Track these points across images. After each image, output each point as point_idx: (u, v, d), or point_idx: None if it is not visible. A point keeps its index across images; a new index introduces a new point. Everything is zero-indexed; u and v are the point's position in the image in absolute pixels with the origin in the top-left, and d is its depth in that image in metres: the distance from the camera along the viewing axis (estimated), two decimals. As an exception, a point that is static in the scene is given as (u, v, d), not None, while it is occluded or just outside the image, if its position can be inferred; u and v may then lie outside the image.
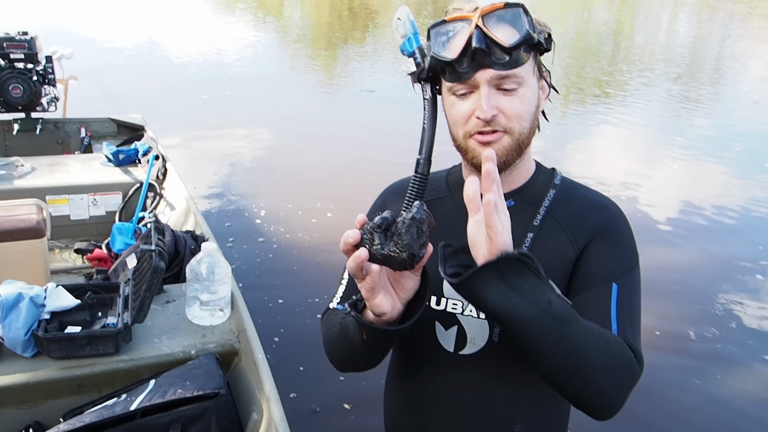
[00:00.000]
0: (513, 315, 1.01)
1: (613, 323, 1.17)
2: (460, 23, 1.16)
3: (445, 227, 1.29)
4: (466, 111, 1.19)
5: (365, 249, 1.01)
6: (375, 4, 23.27)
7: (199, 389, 1.82)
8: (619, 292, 1.20)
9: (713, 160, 7.81)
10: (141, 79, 9.82)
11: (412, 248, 0.98)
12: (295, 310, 4.10)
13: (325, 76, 11.63)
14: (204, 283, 2.16)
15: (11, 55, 4.11)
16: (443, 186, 1.39)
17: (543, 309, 1.01)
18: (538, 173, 1.34)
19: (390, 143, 7.17)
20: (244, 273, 4.43)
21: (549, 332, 1.02)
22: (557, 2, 27.85)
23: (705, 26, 22.14)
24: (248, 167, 6.68)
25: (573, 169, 7.06)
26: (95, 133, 4.61)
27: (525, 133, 1.20)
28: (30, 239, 2.50)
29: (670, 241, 5.52)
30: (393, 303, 1.09)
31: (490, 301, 1.00)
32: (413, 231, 0.98)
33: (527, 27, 1.13)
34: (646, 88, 11.55)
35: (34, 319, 1.96)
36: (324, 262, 4.50)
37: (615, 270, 1.22)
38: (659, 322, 4.11)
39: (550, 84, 1.28)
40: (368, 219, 1.26)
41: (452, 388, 1.33)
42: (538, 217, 1.27)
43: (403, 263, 0.99)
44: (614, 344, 1.11)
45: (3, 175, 3.55)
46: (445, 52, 1.17)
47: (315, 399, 3.32)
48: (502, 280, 0.99)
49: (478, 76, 1.15)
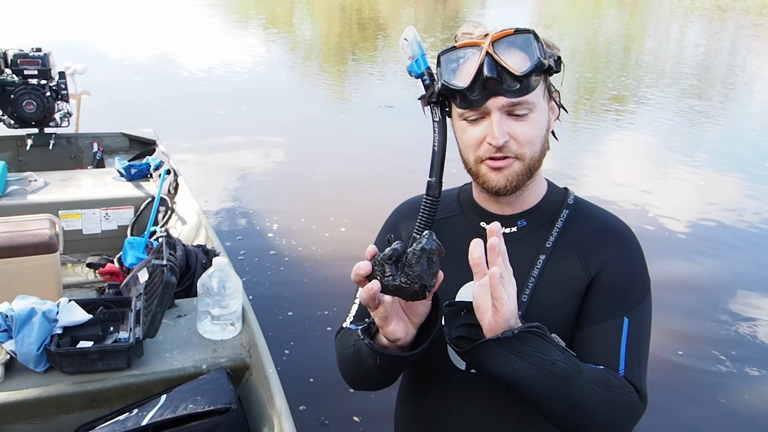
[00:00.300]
0: (518, 379, 1.05)
1: (622, 361, 1.18)
2: (471, 50, 1.16)
3: (457, 246, 1.29)
4: (477, 137, 1.19)
5: (377, 281, 1.01)
6: (384, 17, 23.37)
7: (210, 404, 1.82)
8: (630, 327, 1.21)
9: (733, 172, 7.74)
10: (153, 93, 9.88)
11: (423, 279, 0.99)
12: (305, 322, 4.10)
13: (340, 91, 11.65)
14: (215, 298, 2.16)
15: (25, 71, 4.15)
16: (455, 204, 1.39)
17: (547, 370, 1.04)
18: (551, 193, 1.33)
19: (407, 159, 7.12)
20: (254, 285, 4.43)
21: (553, 390, 1.06)
22: (567, 13, 27.91)
23: (716, 37, 22.08)
24: (261, 181, 6.70)
25: (587, 181, 7.05)
26: (107, 148, 4.64)
27: (536, 158, 1.20)
28: (43, 254, 2.52)
29: (690, 257, 5.47)
30: (406, 329, 1.11)
31: (495, 369, 1.04)
32: (424, 262, 0.99)
33: (538, 54, 1.13)
34: (659, 99, 11.52)
35: (47, 334, 1.97)
36: (335, 275, 4.49)
37: (627, 303, 1.23)
38: (680, 342, 4.07)
39: (560, 104, 1.27)
40: (380, 237, 1.27)
41: (464, 405, 1.32)
42: (551, 239, 1.26)
43: (415, 294, 1.00)
44: (617, 391, 1.13)
45: (17, 190, 3.57)
46: (456, 80, 1.16)
47: (324, 411, 3.31)
48: (507, 349, 1.03)
49: (489, 104, 1.15)
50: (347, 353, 1.29)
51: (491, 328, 1.03)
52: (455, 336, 1.09)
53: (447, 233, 1.33)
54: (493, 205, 1.31)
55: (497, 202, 1.29)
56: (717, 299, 4.74)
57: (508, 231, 1.29)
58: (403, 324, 1.10)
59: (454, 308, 1.10)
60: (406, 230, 1.38)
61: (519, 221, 1.30)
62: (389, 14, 24.29)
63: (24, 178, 3.72)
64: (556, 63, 1.18)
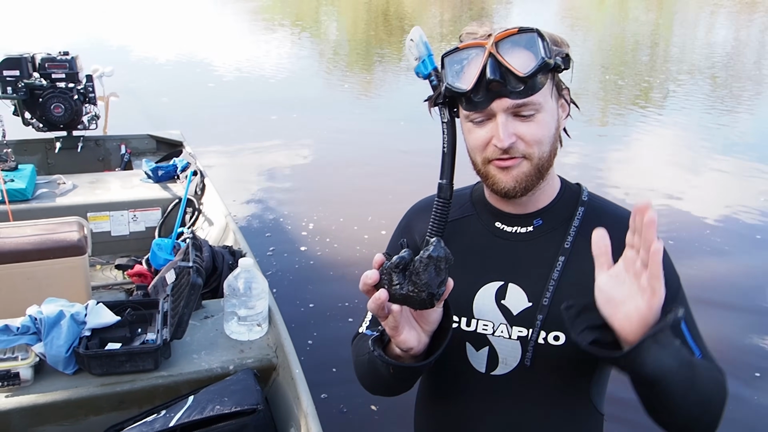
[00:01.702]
0: (665, 374, 0.98)
1: (694, 348, 1.16)
2: (474, 50, 1.13)
3: (473, 247, 1.29)
4: (483, 138, 1.16)
5: (384, 290, 0.99)
6: (409, 16, 23.34)
7: (237, 405, 1.82)
8: (685, 317, 1.18)
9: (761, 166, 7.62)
10: (181, 96, 9.97)
11: (431, 287, 0.97)
12: (326, 313, 4.15)
13: (370, 91, 11.63)
14: (241, 299, 2.17)
15: (53, 75, 4.20)
16: (467, 204, 1.36)
17: (684, 360, 1.00)
18: (564, 190, 1.30)
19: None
20: (279, 279, 4.48)
21: (689, 381, 1.02)
22: (593, 7, 27.66)
23: (743, 29, 21.74)
24: (291, 180, 6.70)
25: (614, 177, 6.98)
26: (135, 150, 4.68)
27: (545, 157, 1.17)
28: (71, 256, 2.55)
29: (722, 250, 5.38)
30: (418, 337, 1.08)
31: (649, 366, 0.97)
32: (431, 270, 0.97)
33: (543, 53, 1.09)
34: (686, 93, 11.36)
35: (75, 336, 1.98)
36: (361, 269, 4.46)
37: (669, 294, 1.19)
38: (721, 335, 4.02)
39: (570, 101, 1.24)
40: (394, 240, 1.25)
41: (485, 408, 1.31)
42: (569, 239, 1.24)
43: (423, 303, 0.98)
44: (716, 372, 1.12)
45: (46, 193, 3.62)
46: (459, 83, 1.14)
47: (344, 399, 3.36)
48: (655, 342, 0.96)
49: (494, 106, 1.12)
50: (362, 360, 1.28)
51: (644, 318, 0.97)
52: (590, 341, 1.03)
53: (462, 235, 1.32)
54: (506, 205, 1.29)
55: (510, 201, 1.27)
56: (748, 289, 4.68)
57: (524, 230, 1.27)
58: (414, 333, 1.08)
59: (574, 310, 1.05)
60: (419, 231, 1.36)
61: (535, 220, 1.27)
62: (415, 13, 24.23)
63: (53, 181, 3.77)
64: (564, 60, 1.15)
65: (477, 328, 1.27)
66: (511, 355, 1.25)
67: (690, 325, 1.18)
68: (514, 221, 1.28)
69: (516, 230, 1.27)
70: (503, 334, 1.25)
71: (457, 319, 1.28)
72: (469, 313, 1.28)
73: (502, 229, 1.28)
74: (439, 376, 1.39)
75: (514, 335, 1.24)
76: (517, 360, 1.25)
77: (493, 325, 1.26)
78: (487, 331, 1.27)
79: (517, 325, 1.24)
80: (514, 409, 1.29)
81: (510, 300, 1.25)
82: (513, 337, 1.24)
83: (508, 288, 1.25)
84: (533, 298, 1.23)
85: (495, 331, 1.26)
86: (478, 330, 1.27)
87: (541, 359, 1.23)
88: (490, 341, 1.27)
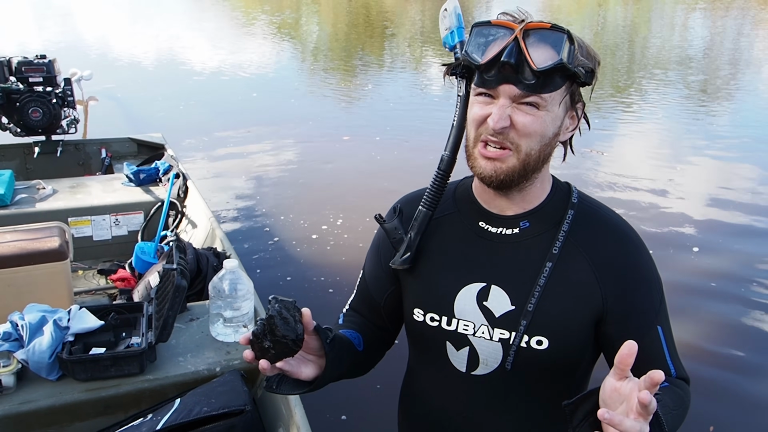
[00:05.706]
0: None
1: (670, 366, 1.22)
2: (503, 30, 1.13)
3: (455, 247, 1.29)
4: (481, 115, 1.16)
5: (264, 360, 1.11)
6: (389, 17, 23.33)
7: (224, 406, 1.80)
8: (664, 333, 1.23)
9: (742, 160, 7.67)
10: (160, 98, 9.88)
11: (289, 334, 1.08)
12: (313, 313, 4.07)
13: (351, 89, 11.62)
14: (227, 300, 2.15)
15: (30, 79, 4.14)
16: (449, 201, 1.34)
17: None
18: (555, 191, 1.28)
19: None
20: (265, 280, 4.42)
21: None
22: (572, 3, 27.79)
23: (719, 26, 21.92)
24: (272, 181, 6.66)
25: (600, 169, 7.01)
26: (115, 154, 4.64)
27: (532, 155, 1.16)
28: (53, 262, 2.50)
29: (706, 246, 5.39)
30: (317, 362, 1.17)
31: None
32: (280, 323, 1.08)
33: (566, 56, 1.09)
34: (664, 89, 11.45)
35: (59, 342, 1.95)
36: (346, 266, 4.46)
37: (653, 311, 1.23)
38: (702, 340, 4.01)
39: (582, 116, 1.23)
40: (386, 221, 1.29)
41: (465, 407, 1.32)
42: (557, 244, 1.22)
43: (293, 348, 1.09)
44: (686, 399, 1.19)
45: (25, 199, 3.57)
46: (476, 54, 1.14)
47: (332, 399, 3.30)
48: None
49: (500, 89, 1.12)
50: None
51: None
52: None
53: (443, 234, 1.31)
54: (492, 204, 1.27)
55: (497, 198, 1.25)
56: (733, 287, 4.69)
57: (510, 232, 1.26)
58: (311, 364, 1.16)
59: (572, 405, 1.02)
60: (407, 212, 1.35)
61: (521, 222, 1.25)
62: (394, 13, 24.23)
63: (32, 186, 3.72)
64: (586, 74, 1.14)
65: (458, 328, 1.27)
66: (492, 357, 1.25)
67: (668, 341, 1.23)
68: (499, 222, 1.27)
69: (501, 231, 1.26)
70: (484, 335, 1.25)
71: (438, 318, 1.28)
72: (450, 313, 1.27)
73: (486, 230, 1.27)
74: (420, 374, 1.40)
75: (495, 337, 1.24)
76: (498, 361, 1.25)
77: (474, 325, 1.25)
78: (467, 332, 1.26)
79: (498, 327, 1.23)
80: (494, 409, 1.29)
81: (492, 302, 1.24)
82: (494, 339, 1.24)
83: (491, 290, 1.24)
84: (516, 302, 1.22)
85: (476, 331, 1.25)
86: (458, 330, 1.27)
87: (522, 362, 1.23)
88: (471, 341, 1.26)
